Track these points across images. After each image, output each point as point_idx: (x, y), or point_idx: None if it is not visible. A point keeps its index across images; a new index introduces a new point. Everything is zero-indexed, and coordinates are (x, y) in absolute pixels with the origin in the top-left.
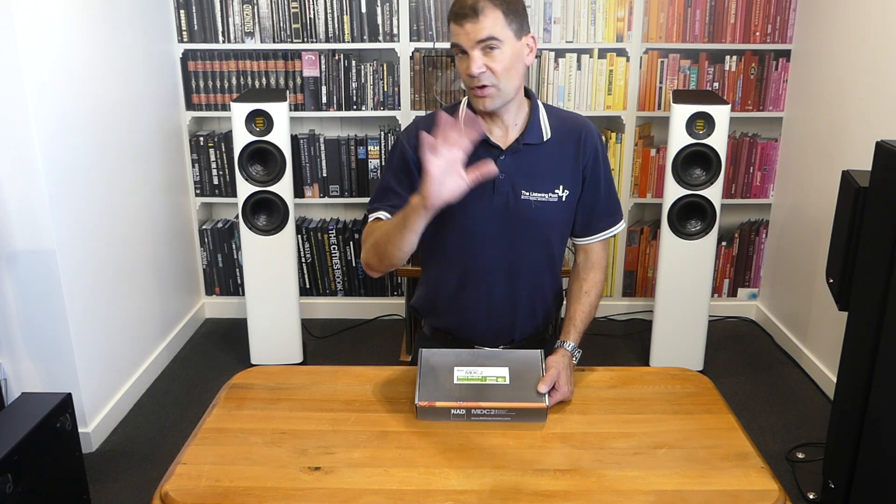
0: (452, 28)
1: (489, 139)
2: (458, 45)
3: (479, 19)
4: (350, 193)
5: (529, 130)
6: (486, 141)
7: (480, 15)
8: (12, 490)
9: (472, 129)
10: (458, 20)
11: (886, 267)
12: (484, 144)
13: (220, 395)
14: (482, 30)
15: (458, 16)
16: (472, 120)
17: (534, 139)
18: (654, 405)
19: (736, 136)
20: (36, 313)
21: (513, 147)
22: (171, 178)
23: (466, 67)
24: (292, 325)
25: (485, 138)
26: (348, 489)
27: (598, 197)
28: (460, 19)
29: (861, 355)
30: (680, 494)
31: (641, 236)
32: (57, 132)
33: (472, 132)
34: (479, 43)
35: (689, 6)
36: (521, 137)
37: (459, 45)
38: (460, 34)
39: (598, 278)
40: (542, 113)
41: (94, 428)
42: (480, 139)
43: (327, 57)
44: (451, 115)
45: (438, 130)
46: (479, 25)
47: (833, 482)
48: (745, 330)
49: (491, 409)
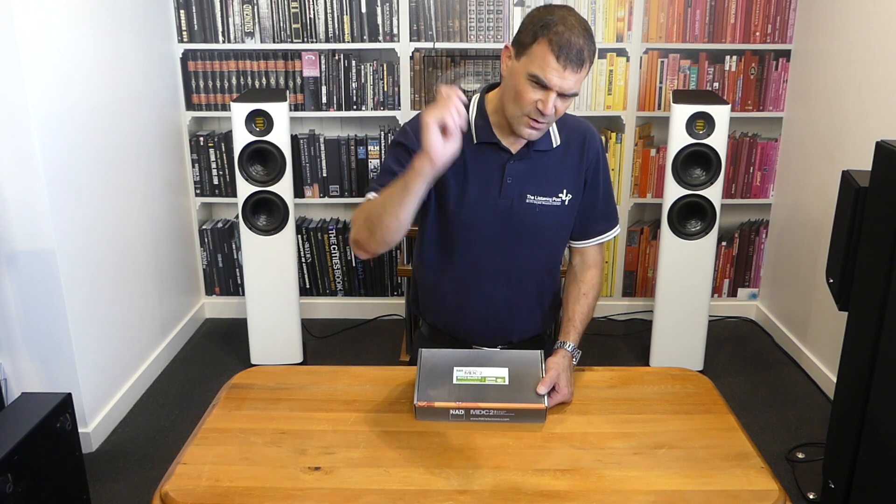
0: (547, 59)
1: (500, 143)
2: (538, 79)
3: (580, 71)
4: (350, 193)
5: (541, 137)
6: (496, 144)
7: (583, 67)
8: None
9: None
10: (561, 59)
11: (886, 267)
12: (494, 148)
13: (220, 395)
14: (576, 84)
15: (563, 53)
16: None
17: (544, 146)
18: (654, 405)
19: (736, 136)
20: (36, 313)
21: (522, 152)
22: (170, 178)
23: (537, 101)
24: (292, 325)
25: (495, 142)
26: (348, 489)
27: (597, 201)
28: (565, 60)
29: (861, 355)
30: (680, 494)
31: (641, 236)
32: (57, 132)
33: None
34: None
35: (689, 6)
36: (533, 144)
37: (541, 81)
38: (555, 75)
39: (596, 279)
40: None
41: (94, 428)
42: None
43: (327, 57)
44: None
45: None
46: (577, 77)
47: (833, 482)
48: (745, 330)
49: (490, 409)
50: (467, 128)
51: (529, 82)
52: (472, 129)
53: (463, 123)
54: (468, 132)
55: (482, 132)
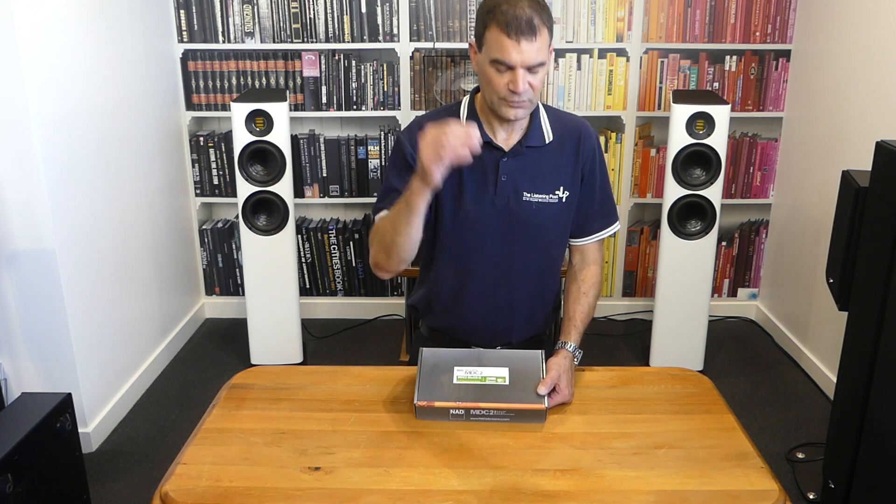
0: (501, 40)
1: (492, 141)
2: (500, 61)
3: (536, 39)
4: (350, 193)
5: (532, 133)
6: (489, 143)
7: (538, 34)
8: (12, 490)
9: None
10: (512, 34)
11: (886, 267)
12: (487, 147)
13: (220, 395)
14: (537, 53)
15: (512, 29)
16: (473, 129)
17: (536, 142)
18: (654, 405)
19: (736, 136)
20: (36, 313)
21: (515, 149)
22: (171, 178)
23: (508, 83)
24: (292, 325)
25: (488, 140)
26: (348, 489)
27: (594, 198)
28: (516, 35)
29: (861, 355)
30: (680, 494)
31: (641, 236)
32: (57, 132)
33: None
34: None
35: (689, 6)
36: (524, 140)
37: (504, 62)
38: (512, 52)
39: (596, 277)
40: (542, 115)
41: (94, 428)
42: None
43: (327, 57)
44: (452, 113)
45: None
46: (535, 46)
47: (833, 482)
48: (745, 330)
49: (490, 409)
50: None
51: (494, 68)
52: None
53: (474, 146)
54: None
55: None
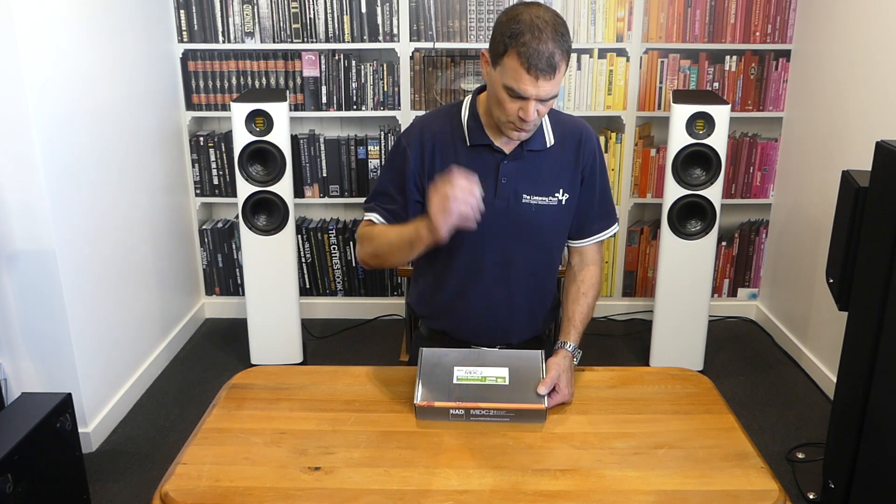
0: (518, 72)
1: (493, 144)
2: (514, 91)
3: (554, 76)
4: (350, 193)
5: (533, 136)
6: (490, 146)
7: (556, 71)
8: (12, 490)
9: None
10: (532, 71)
11: (886, 267)
12: (488, 149)
13: (220, 395)
14: (552, 88)
15: (532, 66)
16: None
17: (538, 146)
18: (654, 405)
19: (736, 136)
20: (36, 313)
21: (516, 152)
22: (171, 178)
23: (518, 109)
24: (292, 325)
25: (489, 143)
26: (348, 489)
27: (594, 200)
28: (535, 71)
29: (861, 355)
30: (680, 494)
31: (641, 236)
32: (57, 132)
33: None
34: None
35: (689, 6)
36: (526, 143)
37: (517, 93)
38: (528, 87)
39: (595, 278)
40: (544, 118)
41: (94, 428)
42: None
43: (327, 57)
44: (452, 114)
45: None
46: (552, 83)
47: (833, 482)
48: (745, 330)
49: (490, 409)
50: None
51: (506, 92)
52: (465, 132)
53: (475, 206)
54: (461, 134)
55: (475, 134)
